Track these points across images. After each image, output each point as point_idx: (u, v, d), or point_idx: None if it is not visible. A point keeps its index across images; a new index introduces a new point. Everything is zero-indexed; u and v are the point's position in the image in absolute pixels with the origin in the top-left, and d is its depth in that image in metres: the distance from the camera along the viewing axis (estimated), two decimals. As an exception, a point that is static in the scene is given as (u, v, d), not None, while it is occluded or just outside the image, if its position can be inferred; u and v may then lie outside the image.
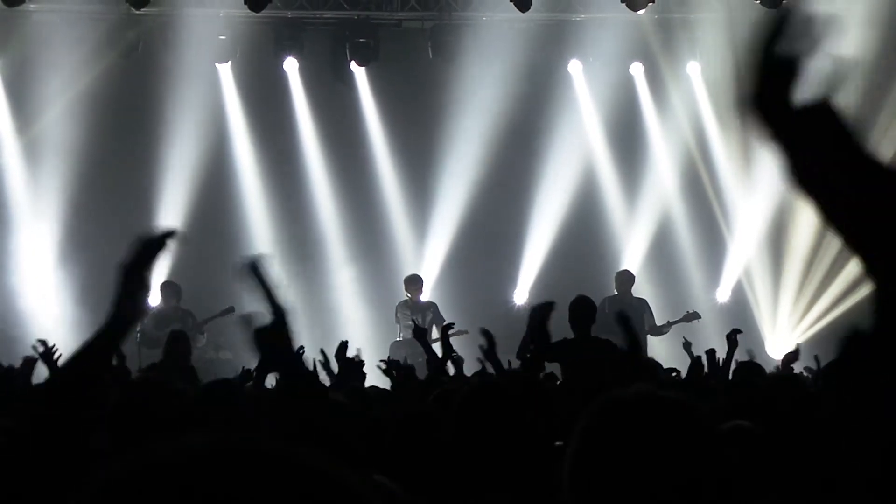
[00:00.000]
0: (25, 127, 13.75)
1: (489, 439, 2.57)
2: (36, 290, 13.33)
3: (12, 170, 13.84)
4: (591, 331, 8.20)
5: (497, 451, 2.56)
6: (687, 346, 8.30)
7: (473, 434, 2.61)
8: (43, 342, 6.38)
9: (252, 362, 6.75)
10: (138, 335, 12.20)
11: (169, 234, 2.36)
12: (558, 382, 7.52)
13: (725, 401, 4.39)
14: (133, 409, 2.89)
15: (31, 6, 13.18)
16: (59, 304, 13.26)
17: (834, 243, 13.94)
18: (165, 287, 12.62)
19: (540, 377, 4.99)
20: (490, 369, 5.40)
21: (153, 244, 2.33)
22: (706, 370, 6.84)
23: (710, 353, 7.23)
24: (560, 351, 7.57)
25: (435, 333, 12.38)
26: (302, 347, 6.72)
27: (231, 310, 12.39)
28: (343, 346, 7.08)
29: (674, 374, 7.72)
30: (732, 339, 7.43)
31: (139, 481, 0.89)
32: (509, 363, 5.84)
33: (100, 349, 2.32)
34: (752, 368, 7.08)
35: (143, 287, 2.35)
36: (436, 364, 6.48)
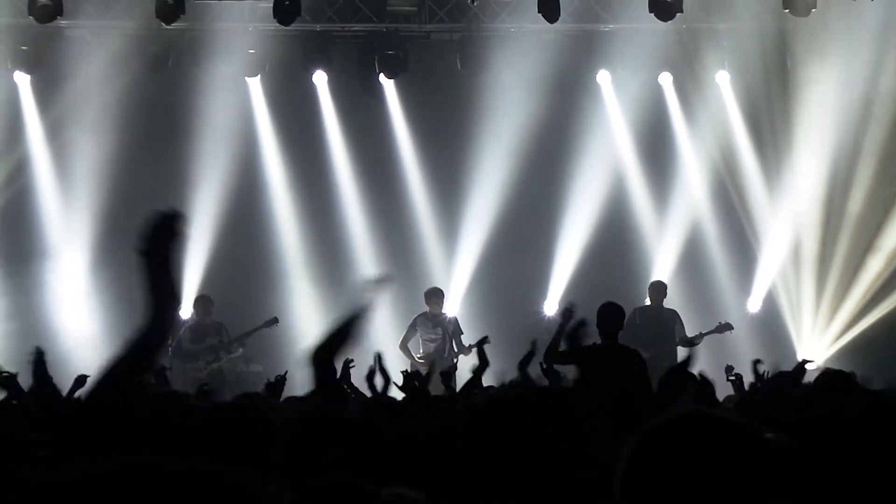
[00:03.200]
0: (57, 141, 13.85)
1: (503, 452, 2.54)
2: (68, 308, 13.40)
3: (44, 186, 13.92)
4: (618, 337, 8.08)
5: (511, 464, 2.53)
6: (729, 370, 8.04)
7: (487, 447, 2.57)
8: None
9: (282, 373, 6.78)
10: (171, 350, 12.18)
11: (174, 218, 2.08)
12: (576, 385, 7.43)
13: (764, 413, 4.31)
14: (149, 422, 2.87)
15: (63, 22, 13.28)
16: (92, 322, 13.32)
17: (866, 253, 13.81)
18: (199, 301, 12.76)
19: (560, 387, 4.95)
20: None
21: (162, 236, 2.10)
22: (752, 385, 6.59)
23: (755, 364, 6.87)
24: (583, 355, 7.51)
25: (462, 343, 12.39)
26: (351, 360, 6.73)
27: (275, 321, 12.51)
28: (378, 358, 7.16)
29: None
30: (801, 368, 7.00)
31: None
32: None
33: (135, 362, 2.12)
34: (791, 379, 6.80)
35: (172, 291, 2.09)
36: (473, 379, 6.48)
